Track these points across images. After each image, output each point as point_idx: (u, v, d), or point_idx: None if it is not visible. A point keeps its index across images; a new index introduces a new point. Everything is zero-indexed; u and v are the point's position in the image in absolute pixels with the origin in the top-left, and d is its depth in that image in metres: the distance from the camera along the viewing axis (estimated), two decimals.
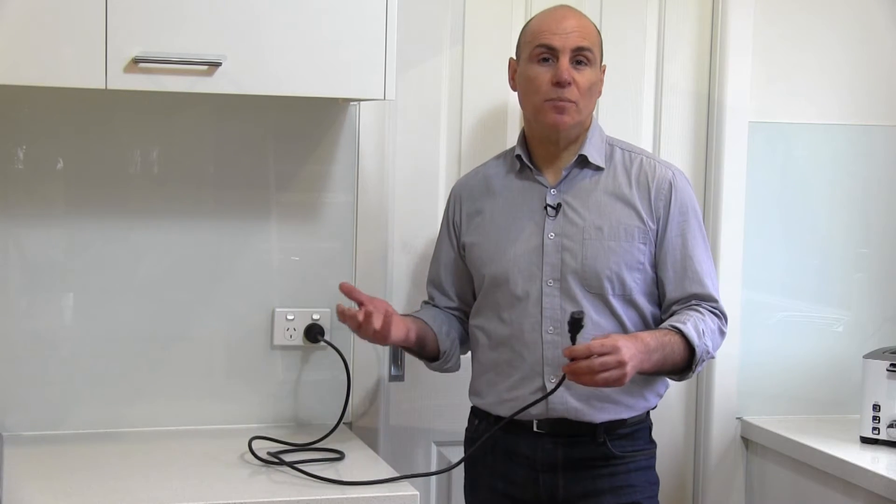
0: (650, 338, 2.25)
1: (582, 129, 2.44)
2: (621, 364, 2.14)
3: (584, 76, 2.38)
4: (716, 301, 2.42)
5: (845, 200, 3.08)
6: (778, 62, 3.02)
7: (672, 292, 2.41)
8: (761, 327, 3.05)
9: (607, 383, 2.15)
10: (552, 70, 2.37)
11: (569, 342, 2.23)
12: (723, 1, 2.98)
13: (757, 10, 2.99)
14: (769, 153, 3.03)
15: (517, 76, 2.46)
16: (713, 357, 2.39)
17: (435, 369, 2.57)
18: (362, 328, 2.33)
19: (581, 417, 2.39)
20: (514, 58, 2.48)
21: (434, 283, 2.61)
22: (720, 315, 2.41)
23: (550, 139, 2.43)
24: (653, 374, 2.37)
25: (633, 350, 2.17)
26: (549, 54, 2.38)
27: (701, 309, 2.38)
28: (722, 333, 2.41)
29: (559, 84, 2.36)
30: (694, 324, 2.32)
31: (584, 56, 2.38)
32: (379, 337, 2.34)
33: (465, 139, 2.91)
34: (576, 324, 2.16)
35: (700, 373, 3.03)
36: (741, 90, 2.99)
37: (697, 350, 2.30)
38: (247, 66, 2.36)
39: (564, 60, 2.36)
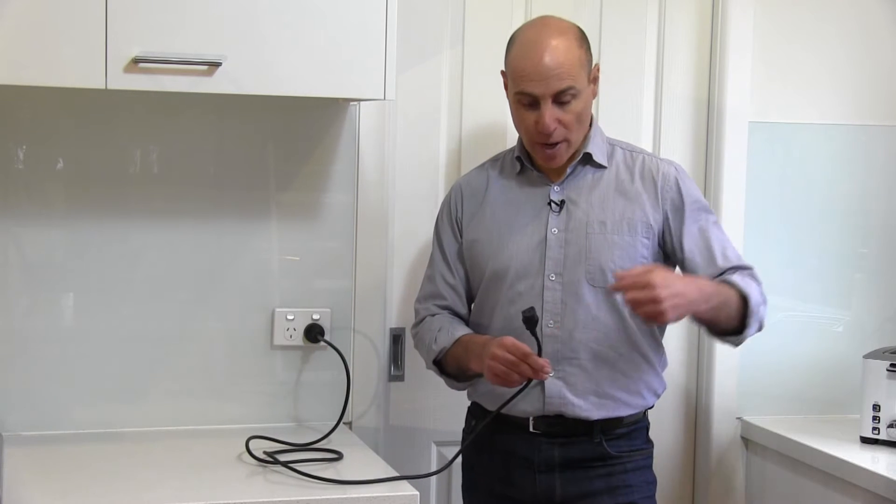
0: (706, 282, 2.25)
1: (582, 134, 2.42)
2: (656, 300, 2.10)
3: (569, 113, 2.35)
4: (751, 268, 2.40)
5: (845, 200, 3.08)
6: (778, 62, 3.01)
7: (707, 273, 2.38)
8: None
9: (647, 315, 2.13)
10: (536, 115, 2.34)
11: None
12: (723, 1, 2.98)
13: (757, 10, 2.99)
14: (769, 153, 3.03)
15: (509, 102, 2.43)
16: (760, 329, 2.36)
17: (457, 388, 2.54)
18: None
19: (578, 414, 2.39)
20: (505, 71, 2.43)
21: (444, 281, 2.54)
22: (759, 281, 2.38)
23: None
24: (708, 324, 2.32)
25: (672, 288, 2.12)
26: (530, 100, 2.34)
27: (744, 274, 2.36)
28: (765, 300, 2.37)
29: (544, 133, 2.34)
30: (742, 279, 2.31)
31: (567, 95, 2.33)
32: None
33: (465, 139, 2.91)
34: (530, 321, 2.19)
35: (700, 372, 3.05)
36: (741, 90, 2.99)
37: (752, 300, 2.27)
38: (247, 66, 2.36)
39: (546, 109, 2.32)
